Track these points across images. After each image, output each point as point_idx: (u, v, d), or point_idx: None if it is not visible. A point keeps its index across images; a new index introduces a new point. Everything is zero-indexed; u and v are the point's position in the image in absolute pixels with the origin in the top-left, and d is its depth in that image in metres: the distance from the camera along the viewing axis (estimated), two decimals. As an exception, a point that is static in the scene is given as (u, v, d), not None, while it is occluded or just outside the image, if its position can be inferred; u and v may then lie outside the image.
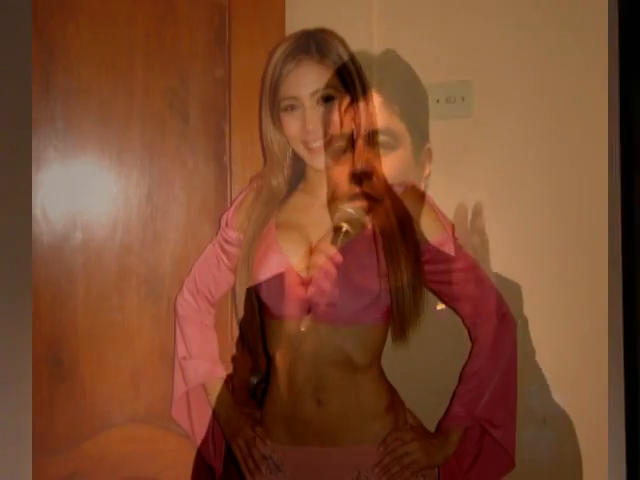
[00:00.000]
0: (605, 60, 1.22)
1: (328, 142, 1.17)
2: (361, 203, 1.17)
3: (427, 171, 1.40)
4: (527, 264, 1.33)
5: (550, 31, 1.29)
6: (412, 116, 1.40)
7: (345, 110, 1.17)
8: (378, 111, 1.26)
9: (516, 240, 1.34)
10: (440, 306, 1.31)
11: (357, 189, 1.18)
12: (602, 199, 1.23)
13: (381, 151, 1.24)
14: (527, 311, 1.28)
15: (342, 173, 1.21)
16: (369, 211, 1.16)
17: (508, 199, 1.34)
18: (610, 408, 1.11)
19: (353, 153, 1.21)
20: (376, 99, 1.26)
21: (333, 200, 1.22)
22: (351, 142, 1.20)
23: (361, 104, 1.18)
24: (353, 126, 1.19)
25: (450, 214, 1.24)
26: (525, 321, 1.27)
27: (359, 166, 1.20)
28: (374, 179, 1.18)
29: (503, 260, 1.33)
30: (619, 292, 1.11)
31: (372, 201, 1.17)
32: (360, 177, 1.18)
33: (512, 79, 1.32)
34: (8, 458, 0.96)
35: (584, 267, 1.29)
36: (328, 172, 1.21)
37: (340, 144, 1.18)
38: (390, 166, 1.27)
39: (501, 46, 1.33)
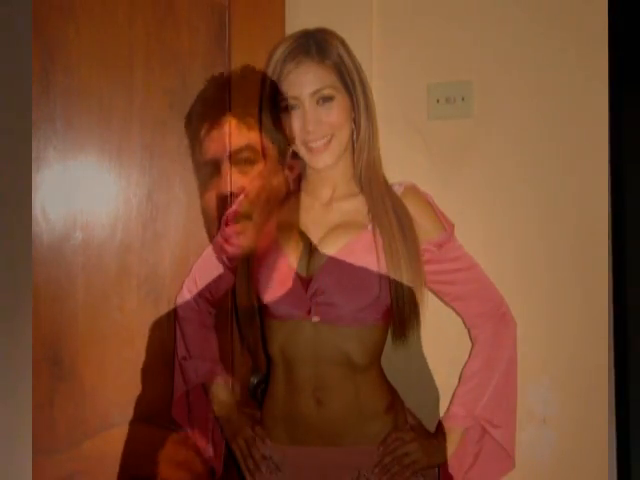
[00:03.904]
0: (605, 59, 1.22)
1: (328, 142, 1.17)
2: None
3: None
4: (527, 263, 1.33)
5: (550, 31, 1.29)
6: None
7: (345, 110, 1.17)
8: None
9: (516, 239, 1.34)
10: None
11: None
12: (602, 198, 1.24)
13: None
14: (527, 311, 1.28)
15: (341, 173, 1.22)
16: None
17: (508, 199, 1.34)
18: (610, 408, 1.11)
19: (353, 152, 1.21)
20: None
21: (332, 200, 1.22)
22: (351, 142, 1.20)
23: (361, 104, 1.18)
24: (353, 126, 1.19)
25: (450, 214, 1.24)
26: (524, 321, 1.26)
27: (359, 166, 1.20)
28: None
29: (503, 259, 1.33)
30: (619, 292, 1.12)
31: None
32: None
33: (512, 79, 1.32)
34: (8, 458, 0.96)
35: (584, 266, 1.29)
36: (328, 172, 1.21)
37: (339, 144, 1.18)
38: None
39: (501, 46, 1.33)
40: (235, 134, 1.17)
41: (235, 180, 1.21)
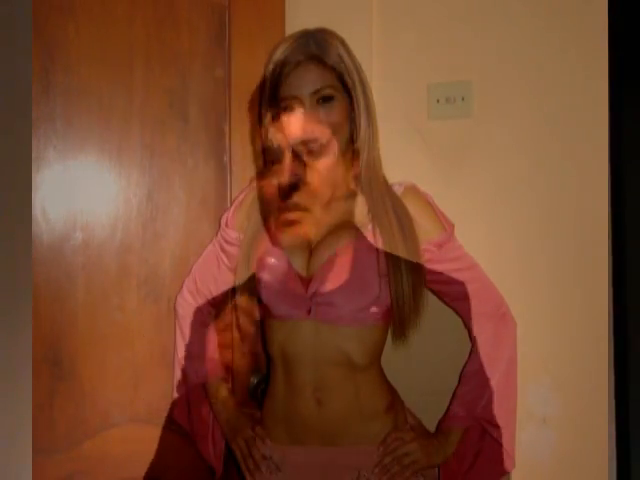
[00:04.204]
0: (605, 60, 1.22)
1: (328, 142, 1.16)
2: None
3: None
4: (527, 263, 1.33)
5: (550, 31, 1.29)
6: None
7: (345, 110, 1.17)
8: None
9: (516, 239, 1.34)
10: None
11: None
12: (602, 198, 1.24)
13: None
14: (527, 311, 1.28)
15: (341, 173, 1.22)
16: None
17: (508, 199, 1.34)
18: (610, 408, 1.11)
19: (353, 152, 1.21)
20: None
21: (332, 200, 1.22)
22: (351, 142, 1.20)
23: (361, 104, 1.18)
24: (353, 126, 1.19)
25: (450, 214, 1.24)
26: (525, 321, 1.26)
27: (358, 166, 1.20)
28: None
29: (501, 259, 1.33)
30: (619, 293, 1.12)
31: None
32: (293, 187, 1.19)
33: (512, 79, 1.32)
34: (8, 458, 0.96)
35: (584, 267, 1.29)
36: (328, 172, 1.21)
37: (339, 144, 1.18)
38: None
39: (501, 46, 1.33)
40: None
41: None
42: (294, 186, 1.26)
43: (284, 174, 1.24)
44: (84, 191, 1.37)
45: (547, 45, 1.29)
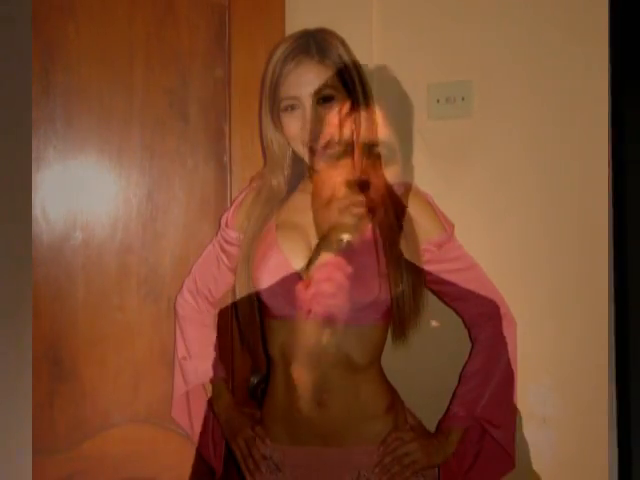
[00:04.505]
0: (605, 60, 1.22)
1: (328, 142, 1.17)
2: (360, 210, 1.17)
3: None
4: (527, 263, 1.33)
5: (550, 31, 1.29)
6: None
7: (345, 110, 1.17)
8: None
9: (516, 239, 1.34)
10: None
11: (359, 196, 1.18)
12: (602, 197, 1.24)
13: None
14: (527, 311, 1.28)
15: (341, 174, 1.22)
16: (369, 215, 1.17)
17: (507, 199, 1.34)
18: (610, 408, 1.11)
19: (353, 154, 1.21)
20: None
21: (332, 201, 1.22)
22: (351, 143, 1.20)
23: (361, 104, 1.18)
24: (353, 127, 1.19)
25: (450, 214, 1.24)
26: (525, 321, 1.26)
27: (359, 167, 1.20)
28: (373, 187, 1.18)
29: (501, 259, 1.33)
30: (619, 293, 1.12)
31: (370, 209, 1.17)
32: (362, 185, 1.18)
33: (512, 79, 1.32)
34: (8, 458, 0.96)
35: (584, 266, 1.28)
36: (328, 172, 1.21)
37: (340, 145, 1.18)
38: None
39: (501, 46, 1.33)
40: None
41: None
42: (294, 187, 1.26)
43: (284, 174, 1.25)
44: (84, 191, 1.37)
45: (547, 45, 1.29)
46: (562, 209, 1.30)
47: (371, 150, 1.20)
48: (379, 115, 1.22)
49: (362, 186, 1.17)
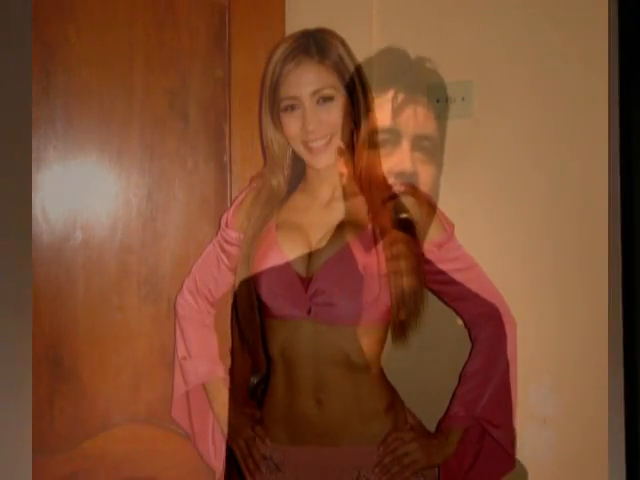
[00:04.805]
0: (605, 60, 1.22)
1: (328, 142, 1.17)
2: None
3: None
4: (527, 263, 1.33)
5: (550, 31, 1.29)
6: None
7: (345, 110, 1.17)
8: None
9: (516, 239, 1.34)
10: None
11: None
12: (602, 197, 1.24)
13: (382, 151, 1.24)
14: (527, 311, 1.28)
15: (341, 174, 1.22)
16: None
17: (508, 199, 1.34)
18: (610, 408, 1.11)
19: (353, 153, 1.21)
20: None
21: (332, 200, 1.22)
22: (351, 142, 1.20)
23: (361, 104, 1.18)
24: (353, 127, 1.19)
25: (450, 214, 1.24)
26: (525, 321, 1.26)
27: (359, 166, 1.20)
28: (373, 187, 1.19)
29: (502, 260, 1.33)
30: (619, 292, 1.11)
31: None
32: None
33: (512, 79, 1.32)
34: (8, 458, 0.96)
35: (584, 267, 1.29)
36: (328, 172, 1.21)
37: (340, 144, 1.18)
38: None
39: (501, 46, 1.33)
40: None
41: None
42: (294, 187, 1.26)
43: (284, 174, 1.25)
44: (84, 191, 1.38)
45: (547, 45, 1.29)
46: (562, 209, 1.30)
47: (371, 149, 1.20)
48: (379, 115, 1.23)
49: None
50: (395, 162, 1.21)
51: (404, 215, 1.18)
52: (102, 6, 1.37)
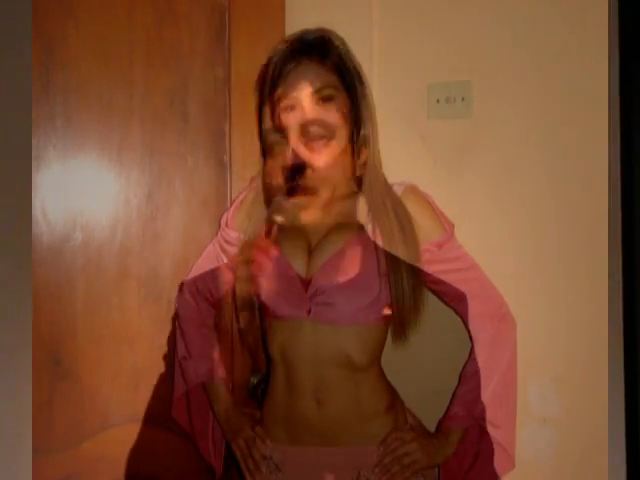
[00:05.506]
0: (605, 60, 1.22)
1: (328, 142, 1.16)
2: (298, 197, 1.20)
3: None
4: (527, 264, 1.33)
5: (550, 31, 1.29)
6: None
7: (345, 110, 1.17)
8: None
9: (516, 240, 1.34)
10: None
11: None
12: (602, 198, 1.24)
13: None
14: (527, 311, 1.28)
15: (341, 173, 1.22)
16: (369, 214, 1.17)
17: (507, 199, 1.34)
18: (610, 408, 1.11)
19: (353, 152, 1.21)
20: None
21: (332, 200, 1.22)
22: (351, 142, 1.20)
23: (361, 104, 1.18)
24: (353, 126, 1.19)
25: (449, 214, 1.24)
26: (525, 321, 1.26)
27: (358, 166, 1.20)
28: (372, 186, 1.18)
29: (503, 260, 1.33)
30: (619, 293, 1.11)
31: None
32: (297, 170, 1.19)
33: (512, 79, 1.32)
34: (8, 458, 0.96)
35: (584, 267, 1.29)
36: (328, 172, 1.21)
37: (339, 144, 1.18)
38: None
39: (501, 46, 1.33)
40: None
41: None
42: (294, 187, 1.26)
43: (284, 174, 1.24)
44: (84, 191, 1.37)
45: (547, 45, 1.29)
46: (563, 209, 1.30)
47: (370, 149, 1.20)
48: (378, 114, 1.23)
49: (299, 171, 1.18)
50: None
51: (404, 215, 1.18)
52: (102, 3, 1.37)
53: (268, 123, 1.21)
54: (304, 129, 1.15)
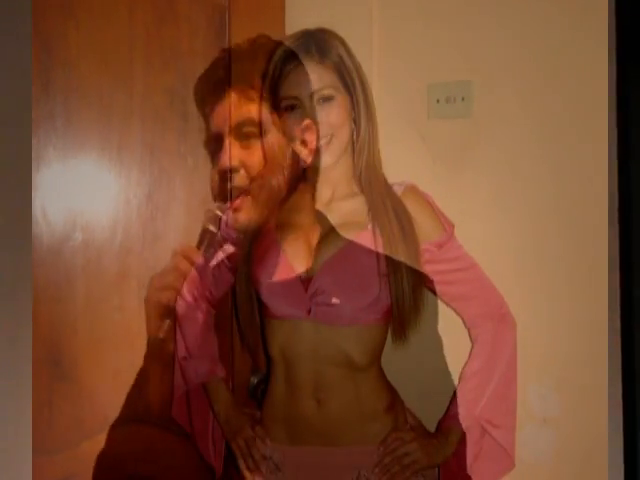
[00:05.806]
0: (605, 60, 1.22)
1: (328, 142, 1.17)
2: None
3: None
4: (527, 264, 1.33)
5: (550, 31, 1.29)
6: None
7: (345, 110, 1.17)
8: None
9: (516, 240, 1.34)
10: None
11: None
12: (602, 198, 1.24)
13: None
14: (527, 311, 1.28)
15: (341, 173, 1.22)
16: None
17: (508, 199, 1.34)
18: (610, 408, 1.11)
19: (353, 153, 1.21)
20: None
21: (333, 200, 1.22)
22: (351, 142, 1.20)
23: (361, 104, 1.18)
24: (353, 127, 1.19)
25: (449, 214, 1.24)
26: (525, 321, 1.26)
27: (359, 166, 1.20)
28: (373, 186, 1.18)
29: (503, 260, 1.33)
30: (618, 293, 1.12)
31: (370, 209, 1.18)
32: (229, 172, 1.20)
33: (512, 79, 1.32)
34: (8, 458, 0.96)
35: (584, 267, 1.28)
36: (328, 172, 1.21)
37: (339, 144, 1.18)
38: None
39: (501, 46, 1.33)
40: (235, 108, 1.16)
41: (236, 154, 1.20)
42: (294, 187, 1.26)
43: (284, 174, 1.25)
44: (84, 191, 1.37)
45: (547, 45, 1.29)
46: (563, 209, 1.30)
47: (371, 149, 1.20)
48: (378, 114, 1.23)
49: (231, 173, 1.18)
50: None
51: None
52: (102, 3, 1.36)
53: (268, 124, 1.21)
54: (304, 129, 1.15)
